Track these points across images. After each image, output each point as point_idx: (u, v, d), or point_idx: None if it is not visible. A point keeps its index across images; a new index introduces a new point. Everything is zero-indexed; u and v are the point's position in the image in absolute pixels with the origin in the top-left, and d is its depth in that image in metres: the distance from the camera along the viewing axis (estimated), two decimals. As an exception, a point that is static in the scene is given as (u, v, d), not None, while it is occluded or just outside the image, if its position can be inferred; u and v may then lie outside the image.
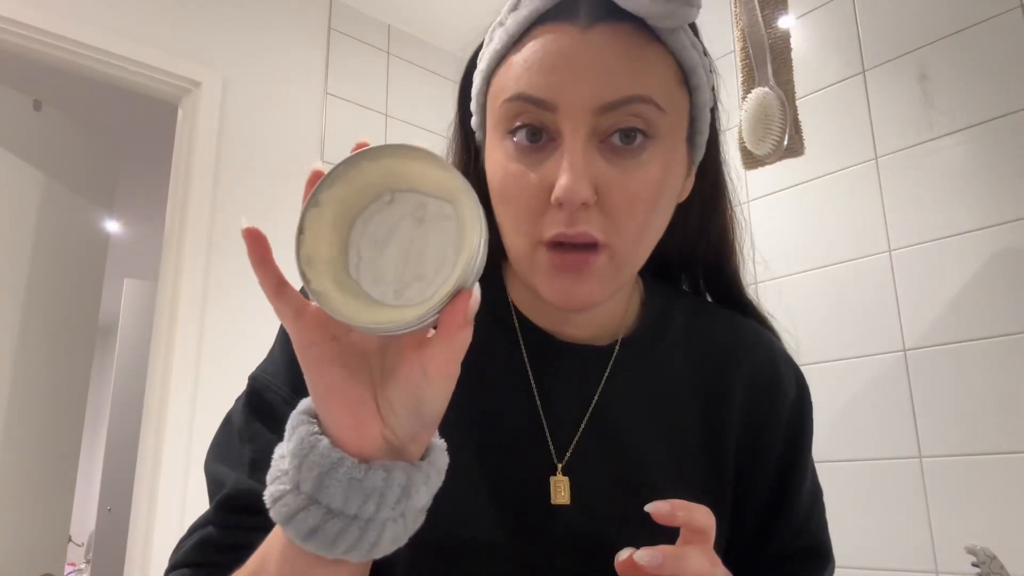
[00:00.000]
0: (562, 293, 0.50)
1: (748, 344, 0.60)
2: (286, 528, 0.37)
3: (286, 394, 0.53)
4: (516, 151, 0.50)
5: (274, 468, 0.39)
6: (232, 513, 0.51)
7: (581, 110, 0.47)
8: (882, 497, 1.64)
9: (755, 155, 1.61)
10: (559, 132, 0.48)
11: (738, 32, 1.66)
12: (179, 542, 0.55)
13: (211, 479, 0.54)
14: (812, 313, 1.84)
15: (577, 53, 0.48)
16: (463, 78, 0.58)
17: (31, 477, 1.95)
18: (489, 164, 0.53)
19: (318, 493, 0.36)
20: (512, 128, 0.50)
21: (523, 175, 0.49)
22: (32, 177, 2.02)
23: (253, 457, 0.52)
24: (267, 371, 0.55)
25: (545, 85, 0.48)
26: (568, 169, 0.46)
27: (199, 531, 0.53)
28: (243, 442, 0.53)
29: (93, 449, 4.51)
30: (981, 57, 1.62)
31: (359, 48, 2.48)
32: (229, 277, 2.01)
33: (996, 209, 1.56)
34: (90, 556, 3.85)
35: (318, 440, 0.37)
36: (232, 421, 0.55)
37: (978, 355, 1.55)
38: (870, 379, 1.70)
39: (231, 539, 0.50)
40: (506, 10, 0.52)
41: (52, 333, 2.04)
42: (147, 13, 2.04)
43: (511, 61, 0.51)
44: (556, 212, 0.48)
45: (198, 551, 0.51)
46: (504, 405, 0.55)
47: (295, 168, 2.24)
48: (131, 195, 3.84)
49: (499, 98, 0.51)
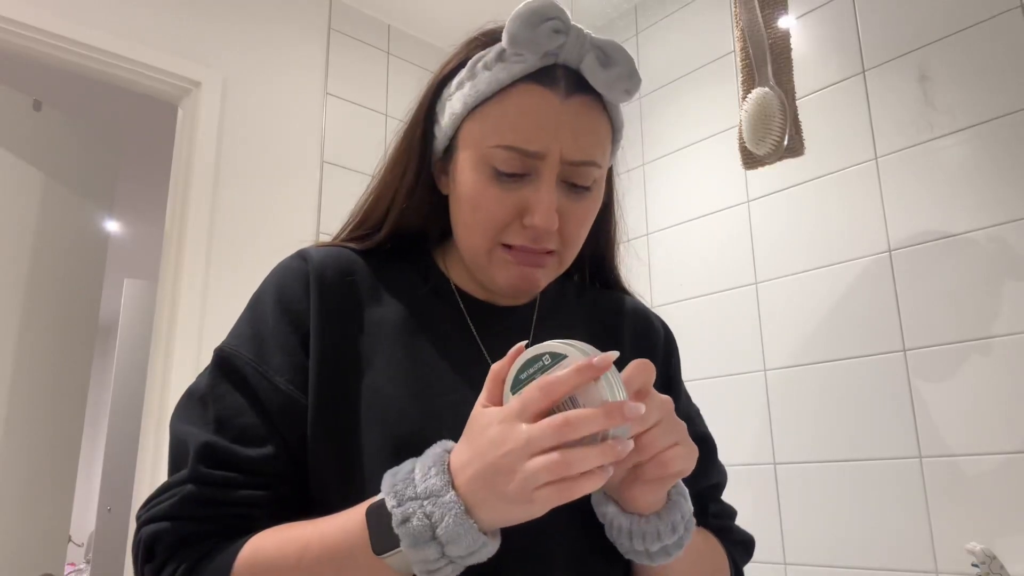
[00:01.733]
0: (518, 278, 0.66)
1: (626, 305, 0.80)
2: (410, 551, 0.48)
3: (252, 359, 0.63)
4: (496, 177, 0.63)
5: (405, 485, 0.50)
6: (210, 467, 0.58)
7: (557, 161, 0.62)
8: (882, 497, 1.64)
9: (755, 155, 1.61)
10: (537, 172, 0.62)
11: (738, 32, 1.66)
12: (147, 502, 0.60)
13: (177, 440, 0.61)
14: (812, 313, 1.84)
15: (559, 117, 0.62)
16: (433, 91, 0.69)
17: (31, 477, 1.95)
18: (463, 179, 0.65)
19: (449, 550, 0.48)
20: (496, 167, 0.62)
21: (500, 197, 0.63)
22: (32, 177, 2.01)
23: (218, 415, 0.61)
24: (232, 343, 0.65)
25: (536, 140, 0.61)
26: (545, 207, 0.62)
27: (175, 488, 0.59)
28: (208, 403, 0.62)
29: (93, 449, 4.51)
30: (981, 57, 1.62)
31: (359, 48, 2.48)
32: (229, 277, 2.01)
33: (996, 209, 1.56)
34: (90, 556, 3.85)
35: (472, 528, 0.48)
36: (196, 389, 0.64)
37: (978, 355, 1.54)
38: (870, 378, 1.70)
39: (210, 495, 0.58)
40: (493, 56, 0.63)
41: (52, 333, 2.04)
42: (147, 13, 2.04)
43: (499, 107, 0.63)
44: (520, 228, 0.63)
45: (178, 506, 0.58)
46: (458, 354, 0.67)
47: (295, 168, 2.24)
48: (131, 195, 3.85)
49: (488, 139, 0.63)
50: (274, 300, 0.66)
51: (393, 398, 0.62)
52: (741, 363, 1.98)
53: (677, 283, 2.20)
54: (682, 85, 2.30)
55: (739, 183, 2.07)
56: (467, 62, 0.66)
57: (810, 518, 1.76)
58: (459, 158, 0.66)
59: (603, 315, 0.78)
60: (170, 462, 0.62)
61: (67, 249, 2.12)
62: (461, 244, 0.68)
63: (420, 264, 0.73)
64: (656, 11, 2.43)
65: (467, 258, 0.68)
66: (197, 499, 0.58)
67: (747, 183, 2.05)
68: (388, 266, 0.71)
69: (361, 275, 0.69)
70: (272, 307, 0.65)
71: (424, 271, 0.73)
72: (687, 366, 0.86)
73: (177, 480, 0.59)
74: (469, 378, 0.65)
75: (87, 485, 4.62)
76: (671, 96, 2.33)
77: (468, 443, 0.50)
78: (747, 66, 1.63)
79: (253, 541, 0.57)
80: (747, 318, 1.99)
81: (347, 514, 0.54)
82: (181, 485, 0.58)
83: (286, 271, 0.68)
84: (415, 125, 0.70)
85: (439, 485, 0.48)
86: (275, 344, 0.63)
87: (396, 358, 0.64)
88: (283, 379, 0.62)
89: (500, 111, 0.62)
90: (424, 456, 0.52)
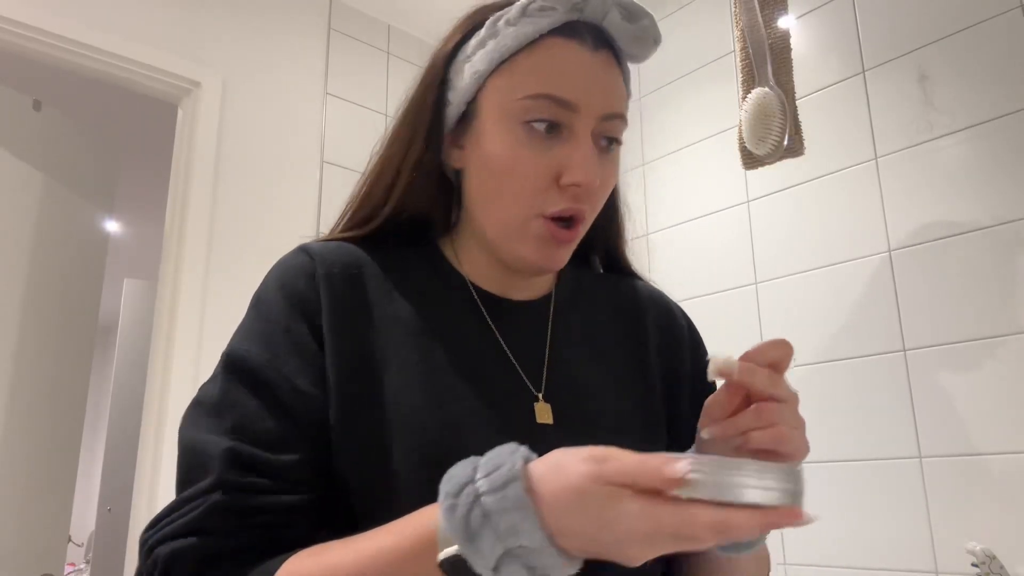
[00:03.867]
0: (548, 257, 0.63)
1: (646, 295, 0.77)
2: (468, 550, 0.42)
3: (266, 360, 0.58)
4: (528, 138, 0.60)
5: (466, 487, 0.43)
6: (241, 473, 0.53)
7: (592, 115, 0.60)
8: (882, 497, 1.64)
9: (755, 155, 1.61)
10: (570, 129, 0.60)
11: (738, 32, 1.66)
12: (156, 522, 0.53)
13: (191, 449, 0.56)
14: (812, 313, 1.84)
15: (592, 69, 0.61)
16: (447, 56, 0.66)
17: (31, 477, 1.95)
18: (489, 142, 0.62)
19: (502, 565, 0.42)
20: (530, 119, 0.60)
21: (533, 159, 0.60)
22: (32, 177, 2.01)
23: (237, 423, 0.55)
24: (242, 344, 0.60)
25: (570, 89, 0.59)
26: (588, 162, 0.59)
27: (197, 500, 0.53)
28: (224, 411, 0.56)
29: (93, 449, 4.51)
30: (981, 57, 1.62)
31: (359, 48, 2.48)
32: (229, 277, 2.01)
33: (996, 209, 1.56)
34: (90, 556, 3.85)
35: (553, 553, 0.41)
36: (206, 397, 0.58)
37: (978, 355, 1.54)
38: (870, 379, 1.70)
39: (242, 503, 0.52)
40: (516, 11, 0.61)
41: (52, 333, 2.04)
42: (147, 13, 2.04)
43: (528, 60, 0.61)
44: (556, 191, 0.60)
45: (205, 518, 0.52)
46: (477, 350, 0.64)
47: (295, 168, 2.24)
48: (131, 195, 3.84)
49: (518, 90, 0.60)
50: (281, 297, 0.61)
51: (412, 405, 0.58)
52: (741, 363, 1.98)
53: (677, 283, 2.20)
54: (682, 85, 2.30)
55: (739, 183, 2.07)
56: (482, 24, 0.64)
57: (810, 518, 1.75)
58: (482, 122, 0.63)
59: (625, 308, 0.74)
60: (181, 476, 0.55)
61: (67, 249, 2.12)
62: (488, 218, 0.64)
63: (427, 255, 0.69)
64: (656, 11, 2.43)
65: (494, 233, 0.64)
66: (227, 508, 0.52)
67: (747, 183, 2.05)
68: (394, 258, 0.66)
69: (369, 269, 0.64)
70: (280, 304, 0.61)
71: (433, 262, 0.68)
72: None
73: (199, 491, 0.53)
74: (489, 378, 0.62)
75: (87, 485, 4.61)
76: (671, 96, 2.33)
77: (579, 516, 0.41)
78: (747, 66, 1.63)
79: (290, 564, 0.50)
80: (747, 318, 1.99)
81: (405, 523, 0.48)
82: (205, 495, 0.52)
83: (290, 267, 0.63)
84: (426, 91, 0.66)
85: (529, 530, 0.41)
86: (289, 343, 0.59)
87: (412, 361, 0.61)
88: (304, 380, 0.57)
89: (529, 64, 0.61)
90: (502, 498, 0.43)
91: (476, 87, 0.63)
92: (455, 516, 0.42)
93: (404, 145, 0.67)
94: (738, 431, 0.52)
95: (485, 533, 0.41)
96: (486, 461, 0.44)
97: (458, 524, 0.42)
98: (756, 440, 0.51)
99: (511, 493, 0.41)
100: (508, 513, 0.41)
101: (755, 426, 0.51)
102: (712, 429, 0.54)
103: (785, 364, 0.52)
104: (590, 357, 0.68)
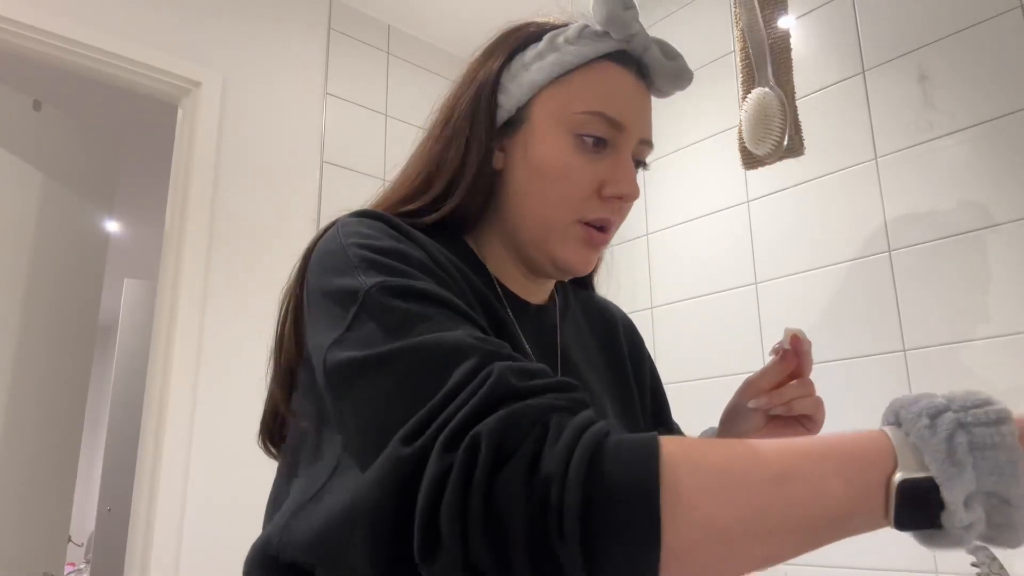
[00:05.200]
0: (584, 260, 0.68)
1: (612, 309, 0.86)
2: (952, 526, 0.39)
3: (421, 284, 0.52)
4: (578, 148, 0.66)
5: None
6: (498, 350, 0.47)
7: (634, 137, 0.68)
8: (882, 497, 1.64)
9: (755, 155, 1.61)
10: (615, 146, 0.67)
11: (738, 32, 1.66)
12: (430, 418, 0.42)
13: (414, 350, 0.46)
14: (812, 313, 1.84)
15: (637, 95, 0.69)
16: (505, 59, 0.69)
17: (31, 477, 1.95)
18: (540, 149, 0.66)
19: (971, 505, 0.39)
20: (582, 132, 0.65)
21: (583, 168, 0.65)
22: (32, 177, 2.02)
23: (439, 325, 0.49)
24: (376, 279, 0.52)
25: (621, 112, 0.66)
26: (630, 177, 0.67)
27: (476, 377, 0.43)
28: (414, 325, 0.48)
29: (93, 449, 4.51)
30: (981, 57, 1.62)
31: (359, 48, 2.48)
32: (229, 277, 2.01)
33: (996, 209, 1.56)
34: (90, 556, 3.85)
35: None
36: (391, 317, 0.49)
37: (978, 355, 1.55)
38: (870, 379, 1.70)
39: (520, 368, 0.45)
40: (575, 32, 0.67)
41: (52, 333, 2.04)
42: (147, 13, 2.04)
43: (583, 78, 0.66)
44: (597, 201, 0.66)
45: (504, 383, 0.43)
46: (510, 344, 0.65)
47: (295, 168, 2.24)
48: (131, 195, 3.84)
49: (574, 105, 0.65)
50: (387, 237, 0.57)
51: None
52: (741, 363, 1.98)
53: (677, 283, 2.20)
54: (682, 85, 2.30)
55: (739, 183, 2.07)
56: (537, 38, 0.68)
57: (810, 518, 1.75)
58: (533, 128, 0.67)
59: (600, 322, 0.83)
60: (412, 381, 0.45)
61: (67, 249, 2.12)
62: (530, 219, 0.67)
63: (457, 248, 0.67)
64: (656, 11, 2.43)
65: (530, 233, 0.67)
66: (519, 372, 0.44)
67: (747, 183, 2.05)
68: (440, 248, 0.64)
69: (431, 247, 0.61)
70: (390, 242, 0.57)
71: (464, 256, 0.67)
72: (687, 366, 0.88)
73: (467, 372, 0.44)
74: None
75: (87, 485, 4.61)
76: (671, 96, 2.33)
77: None
78: (747, 66, 1.63)
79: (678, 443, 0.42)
80: (747, 318, 1.99)
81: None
82: (482, 373, 0.44)
83: (370, 221, 0.60)
84: (482, 95, 0.68)
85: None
86: (426, 270, 0.55)
87: None
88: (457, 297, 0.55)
89: (585, 81, 0.66)
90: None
91: (531, 95, 0.68)
92: (935, 437, 0.39)
93: (464, 143, 0.67)
94: (783, 400, 0.70)
95: (968, 463, 0.38)
96: (961, 397, 0.42)
97: (938, 447, 0.39)
98: (800, 407, 0.69)
99: (1006, 431, 0.39)
100: (998, 450, 0.38)
101: (801, 395, 0.68)
102: (760, 400, 0.72)
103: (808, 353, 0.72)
104: (586, 362, 0.74)
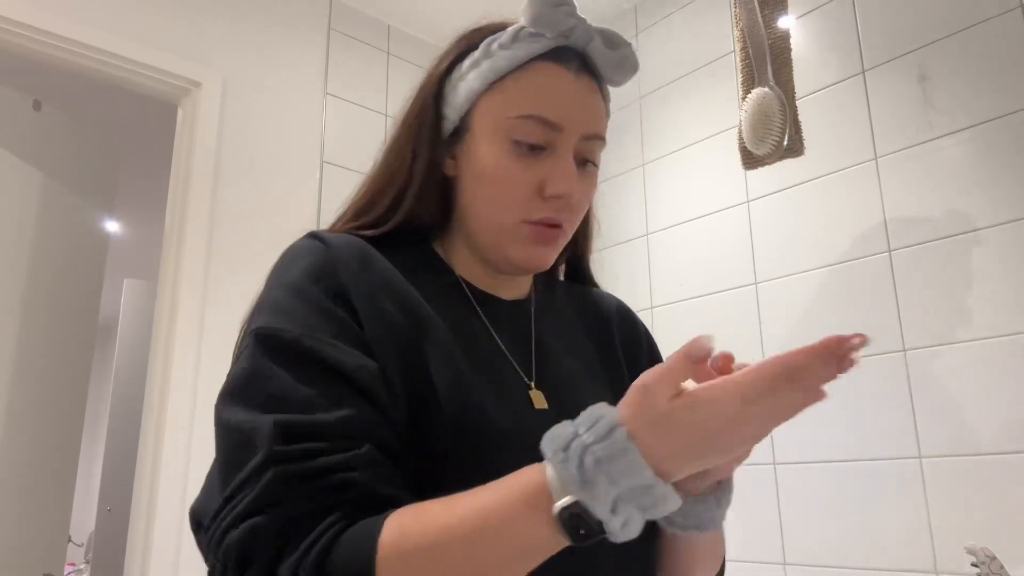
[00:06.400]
0: (537, 257, 0.69)
1: (608, 300, 0.86)
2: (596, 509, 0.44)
3: (302, 331, 0.57)
4: (516, 153, 0.66)
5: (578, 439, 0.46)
6: (291, 442, 0.51)
7: (574, 135, 0.67)
8: (882, 497, 1.64)
9: (755, 155, 1.61)
10: (553, 146, 0.66)
11: (738, 32, 1.66)
12: (214, 516, 0.51)
13: (231, 432, 0.54)
14: (812, 313, 1.84)
15: (574, 92, 0.67)
16: (442, 73, 0.72)
17: (31, 477, 1.95)
18: (481, 155, 0.68)
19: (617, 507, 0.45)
20: (518, 137, 0.66)
21: (521, 172, 0.66)
22: (32, 177, 2.02)
23: (275, 392, 0.54)
24: (272, 321, 0.58)
25: (556, 111, 0.66)
26: (568, 176, 0.66)
27: (251, 483, 0.50)
28: (258, 387, 0.55)
29: (93, 449, 4.51)
30: (981, 57, 1.62)
31: (359, 48, 2.48)
32: (229, 277, 2.02)
33: (996, 209, 1.56)
34: (90, 556, 3.85)
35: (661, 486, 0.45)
36: (239, 376, 0.57)
37: (978, 355, 1.55)
38: (870, 379, 1.70)
39: (298, 471, 0.50)
40: (509, 35, 0.67)
41: (52, 333, 2.04)
42: (147, 13, 2.04)
43: (517, 82, 0.67)
44: (540, 201, 0.66)
45: (265, 494, 0.50)
46: (478, 341, 0.68)
47: (295, 168, 2.24)
48: (131, 195, 3.84)
49: (509, 110, 0.66)
50: (306, 276, 0.61)
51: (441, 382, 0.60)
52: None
53: (677, 283, 2.20)
54: (682, 85, 2.30)
55: (739, 183, 2.07)
56: (477, 46, 0.70)
57: (810, 518, 1.75)
58: (474, 135, 0.69)
59: (592, 312, 0.83)
60: (226, 458, 0.54)
61: (67, 249, 2.12)
62: (479, 223, 0.69)
63: (421, 254, 0.72)
64: (656, 11, 2.43)
65: (483, 236, 0.70)
66: (288, 477, 0.50)
67: (747, 183, 2.05)
68: (397, 256, 0.68)
69: (378, 261, 0.65)
70: (305, 281, 0.60)
71: (429, 261, 0.72)
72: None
73: (253, 469, 0.51)
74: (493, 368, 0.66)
75: (87, 485, 4.62)
76: (671, 96, 2.33)
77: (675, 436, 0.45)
78: (747, 66, 1.63)
79: (395, 517, 0.49)
80: (747, 318, 1.99)
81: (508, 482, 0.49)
82: (259, 473, 0.50)
83: (308, 250, 0.64)
84: (425, 106, 0.71)
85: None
86: (322, 312, 0.59)
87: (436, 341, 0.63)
88: (345, 342, 0.57)
89: (519, 85, 0.67)
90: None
91: (469, 103, 0.69)
92: (568, 467, 0.45)
93: (410, 155, 0.71)
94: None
95: (600, 479, 0.44)
96: (582, 419, 0.48)
97: (573, 474, 0.45)
98: None
99: (617, 437, 0.45)
100: (617, 458, 0.44)
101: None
102: None
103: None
104: (567, 351, 0.75)
